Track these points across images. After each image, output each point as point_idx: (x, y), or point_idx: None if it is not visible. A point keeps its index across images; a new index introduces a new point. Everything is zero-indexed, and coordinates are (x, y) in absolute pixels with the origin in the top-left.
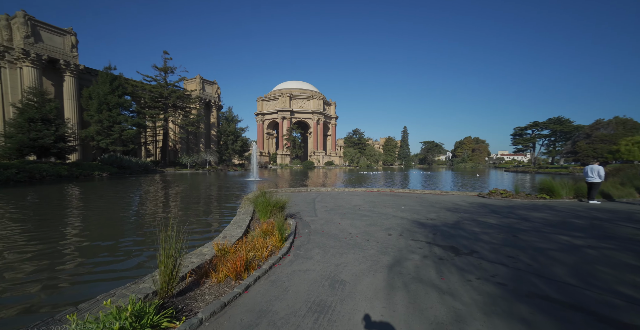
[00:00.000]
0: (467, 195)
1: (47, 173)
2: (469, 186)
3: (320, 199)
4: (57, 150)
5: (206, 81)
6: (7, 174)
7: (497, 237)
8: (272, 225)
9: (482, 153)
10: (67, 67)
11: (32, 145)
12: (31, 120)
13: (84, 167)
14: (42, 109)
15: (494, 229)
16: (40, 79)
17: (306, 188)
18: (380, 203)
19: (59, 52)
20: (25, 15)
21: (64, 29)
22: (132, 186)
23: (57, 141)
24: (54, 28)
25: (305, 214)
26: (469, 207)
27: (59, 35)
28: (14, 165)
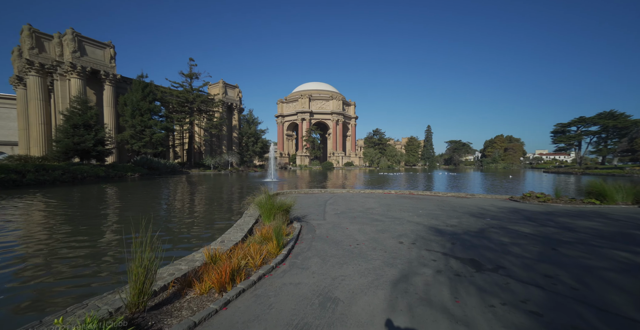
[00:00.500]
0: (496, 199)
1: (87, 174)
2: (500, 189)
3: (333, 201)
4: (96, 153)
5: (228, 85)
6: (54, 175)
7: (530, 250)
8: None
9: (516, 152)
10: (107, 77)
11: (75, 149)
12: (75, 126)
13: (118, 169)
14: (84, 116)
15: (527, 239)
16: (84, 88)
17: (320, 190)
18: (396, 206)
19: (100, 64)
20: (73, 33)
21: (104, 43)
22: (157, 187)
23: (96, 145)
24: (95, 42)
25: (314, 217)
26: (498, 213)
27: (100, 48)
28: (60, 167)
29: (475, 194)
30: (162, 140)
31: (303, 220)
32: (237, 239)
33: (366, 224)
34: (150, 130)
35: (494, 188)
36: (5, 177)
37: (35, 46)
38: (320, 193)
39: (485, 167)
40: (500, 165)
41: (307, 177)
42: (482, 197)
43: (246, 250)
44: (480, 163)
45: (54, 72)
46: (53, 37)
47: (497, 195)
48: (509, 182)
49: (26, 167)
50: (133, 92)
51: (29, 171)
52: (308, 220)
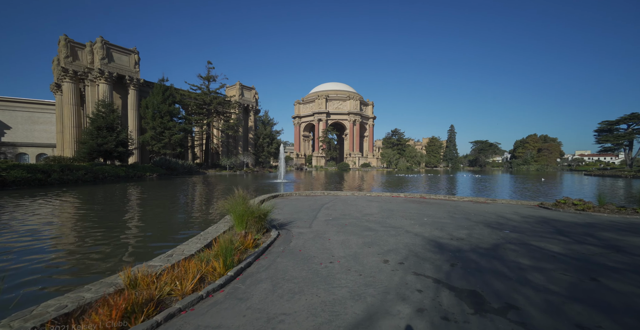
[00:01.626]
0: (522, 206)
1: (108, 174)
2: (529, 193)
3: (331, 204)
4: (117, 154)
5: (245, 87)
6: (78, 175)
7: (559, 279)
8: (243, 238)
9: (551, 153)
10: (131, 82)
11: (98, 150)
12: (99, 128)
13: (138, 169)
14: (107, 118)
15: (556, 262)
16: (111, 93)
17: (324, 192)
18: (400, 212)
19: (125, 69)
20: (102, 41)
21: (130, 49)
22: (167, 187)
23: (117, 146)
24: (122, 49)
25: (299, 224)
26: (521, 223)
27: (125, 54)
28: (83, 167)
29: (497, 199)
30: (180, 142)
31: (285, 228)
32: (191, 252)
33: (354, 234)
34: (170, 132)
35: (522, 192)
36: (31, 177)
37: (70, 55)
38: (322, 195)
39: (515, 169)
40: (533, 167)
41: (319, 178)
42: (505, 202)
43: (181, 270)
44: (510, 165)
45: (85, 78)
46: (85, 46)
47: (523, 201)
48: (540, 186)
49: (52, 167)
50: (154, 95)
51: (55, 171)
52: (291, 227)
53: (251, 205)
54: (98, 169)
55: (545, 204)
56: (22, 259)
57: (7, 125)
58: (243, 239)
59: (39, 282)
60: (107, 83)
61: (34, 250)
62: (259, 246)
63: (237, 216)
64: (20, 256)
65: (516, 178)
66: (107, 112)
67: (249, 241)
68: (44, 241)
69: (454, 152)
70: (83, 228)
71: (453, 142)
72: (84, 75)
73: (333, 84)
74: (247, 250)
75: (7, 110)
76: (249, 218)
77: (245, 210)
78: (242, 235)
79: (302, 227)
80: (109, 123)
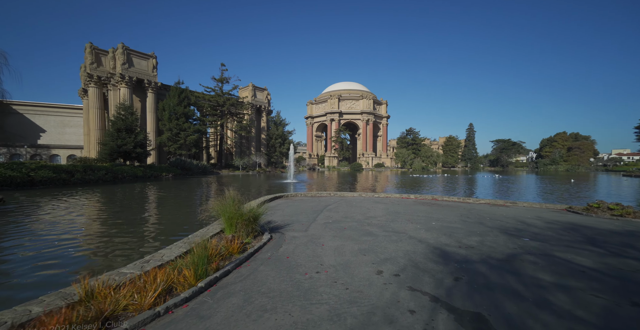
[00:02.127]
0: (546, 209)
1: (127, 174)
2: (557, 195)
3: (335, 206)
4: (135, 155)
5: (257, 88)
6: (99, 175)
7: (590, 302)
8: (228, 242)
9: (583, 152)
10: (149, 85)
11: (118, 151)
12: (119, 130)
13: (155, 169)
14: (126, 121)
15: (586, 279)
16: (131, 96)
17: (330, 193)
18: (406, 215)
19: (144, 73)
20: (123, 47)
21: (148, 54)
22: (181, 186)
23: (135, 147)
24: (140, 54)
25: (296, 227)
26: (544, 230)
27: (144, 59)
28: (104, 167)
29: (518, 202)
30: (195, 142)
31: (279, 231)
32: (170, 257)
33: (351, 239)
34: (185, 133)
35: (548, 195)
36: (56, 177)
37: (95, 61)
38: (328, 197)
39: (541, 169)
40: (562, 167)
41: (329, 178)
42: (527, 206)
43: (148, 280)
44: (535, 165)
45: (108, 83)
46: (108, 52)
47: (548, 204)
48: (571, 188)
49: (76, 168)
50: (170, 97)
51: (78, 171)
52: (286, 231)
53: (244, 207)
54: (118, 169)
55: (574, 208)
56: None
57: (42, 128)
58: (229, 244)
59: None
60: (127, 87)
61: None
62: (247, 251)
63: (226, 219)
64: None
65: (542, 179)
66: (126, 114)
67: (235, 246)
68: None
69: (473, 151)
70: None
71: (472, 141)
72: (107, 80)
73: (346, 84)
74: (232, 256)
75: (42, 115)
76: (238, 221)
77: (234, 212)
78: (229, 239)
79: (298, 231)
80: (128, 125)
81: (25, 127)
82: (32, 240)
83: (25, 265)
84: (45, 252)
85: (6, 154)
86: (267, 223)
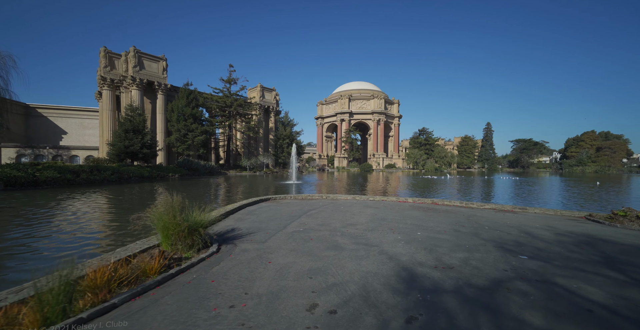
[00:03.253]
0: (561, 217)
1: (133, 174)
2: (578, 200)
3: (318, 211)
4: (142, 155)
5: (265, 88)
6: (105, 175)
7: None
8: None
9: (615, 153)
10: (159, 87)
11: (125, 151)
12: (126, 131)
13: (162, 169)
14: (133, 122)
15: (595, 325)
16: (142, 98)
17: (322, 195)
18: (392, 223)
19: (154, 76)
20: (134, 50)
21: (158, 56)
22: (184, 187)
23: (142, 147)
24: (151, 56)
25: (257, 236)
26: (551, 244)
27: (154, 61)
28: (110, 168)
29: (528, 208)
30: (203, 143)
31: (234, 242)
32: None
33: (309, 255)
34: (193, 134)
35: (569, 200)
36: (61, 177)
37: (108, 64)
38: (318, 199)
39: (566, 170)
40: (590, 169)
41: (335, 179)
42: (539, 212)
43: None
44: (560, 166)
45: (120, 85)
46: (121, 56)
47: (564, 211)
48: (599, 192)
49: (82, 168)
50: (179, 99)
51: (84, 171)
52: (242, 242)
53: (193, 215)
54: (124, 169)
55: (595, 216)
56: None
57: (64, 130)
58: (148, 262)
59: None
60: (138, 89)
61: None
62: (170, 271)
63: (160, 229)
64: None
65: (566, 182)
66: (134, 115)
67: (155, 265)
68: None
69: (490, 152)
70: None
71: (490, 141)
72: (119, 83)
73: (357, 83)
74: (148, 278)
75: (64, 117)
76: (174, 232)
77: (169, 221)
78: (155, 255)
79: (255, 242)
80: (135, 126)
81: (48, 129)
82: None
83: None
84: None
85: (31, 154)
86: (230, 231)
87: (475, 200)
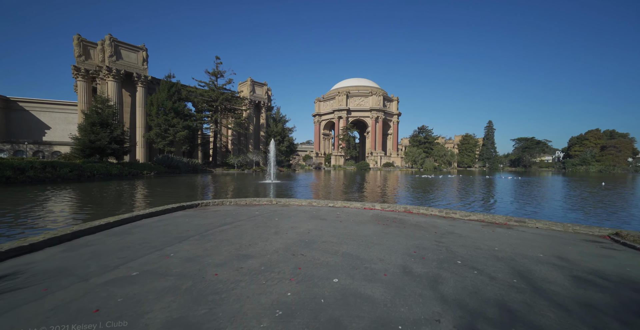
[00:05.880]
0: (573, 234)
1: (97, 171)
2: (589, 208)
3: (231, 227)
4: (111, 151)
5: (256, 83)
6: (60, 173)
7: None
8: None
9: (620, 151)
10: (139, 79)
11: (91, 147)
12: (92, 124)
13: (135, 167)
14: (101, 114)
15: None
16: (120, 90)
17: (272, 200)
18: (315, 252)
19: (133, 67)
20: (110, 38)
21: (138, 46)
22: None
23: (110, 142)
24: (130, 46)
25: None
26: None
27: (133, 51)
28: (69, 164)
29: (527, 220)
30: (185, 139)
31: None
32: None
33: None
34: (174, 129)
35: (579, 207)
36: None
37: (82, 54)
38: (265, 205)
39: (569, 169)
40: (594, 168)
41: (323, 179)
42: (542, 227)
43: None
44: (563, 165)
45: (96, 76)
46: (97, 45)
47: (576, 226)
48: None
49: (33, 164)
50: (159, 92)
51: (35, 168)
52: None
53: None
54: (87, 166)
55: (625, 236)
56: None
57: (47, 125)
58: None
59: None
60: (115, 80)
61: None
62: None
63: None
64: None
65: (570, 182)
66: (102, 107)
67: None
68: None
69: (491, 150)
70: None
71: (491, 139)
72: (95, 74)
73: (355, 80)
74: None
75: (48, 111)
76: None
77: None
78: None
79: None
80: (103, 119)
81: (31, 124)
82: None
83: None
84: None
85: (10, 150)
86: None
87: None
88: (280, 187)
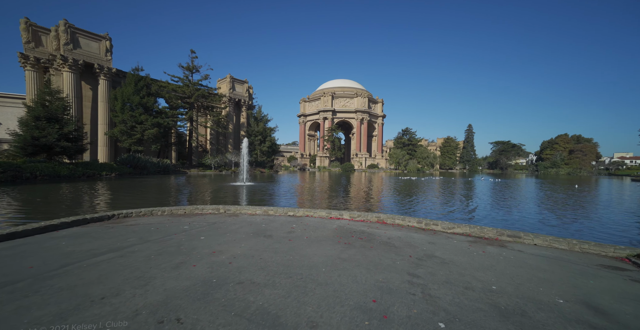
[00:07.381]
0: (582, 254)
1: (40, 172)
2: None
3: (128, 252)
4: (61, 149)
5: (236, 80)
6: None
7: None
8: None
9: (586, 155)
10: (101, 71)
11: (34, 144)
12: (37, 119)
13: (92, 167)
14: (49, 107)
15: None
16: (78, 83)
17: (218, 208)
18: (215, 307)
19: (94, 57)
20: (65, 24)
21: (100, 35)
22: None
23: (59, 139)
24: (90, 34)
25: None
26: None
27: (95, 41)
28: (4, 164)
29: (523, 235)
30: (155, 138)
31: None
32: None
33: None
34: (142, 127)
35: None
36: None
37: (32, 40)
38: (210, 214)
39: (541, 172)
40: (563, 171)
41: (302, 180)
42: (541, 244)
43: None
44: (536, 167)
45: (50, 66)
46: (50, 31)
47: (584, 244)
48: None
49: None
50: (125, 85)
51: None
52: None
53: None
54: (28, 166)
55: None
56: None
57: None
58: None
59: None
60: (72, 71)
61: None
62: None
63: None
64: None
65: (544, 184)
66: (51, 99)
67: None
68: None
69: (471, 153)
70: None
71: (471, 142)
72: (48, 64)
73: (340, 81)
74: None
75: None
76: None
77: None
78: None
79: None
80: (51, 113)
81: None
82: None
83: None
84: None
85: None
86: None
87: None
88: (250, 190)
